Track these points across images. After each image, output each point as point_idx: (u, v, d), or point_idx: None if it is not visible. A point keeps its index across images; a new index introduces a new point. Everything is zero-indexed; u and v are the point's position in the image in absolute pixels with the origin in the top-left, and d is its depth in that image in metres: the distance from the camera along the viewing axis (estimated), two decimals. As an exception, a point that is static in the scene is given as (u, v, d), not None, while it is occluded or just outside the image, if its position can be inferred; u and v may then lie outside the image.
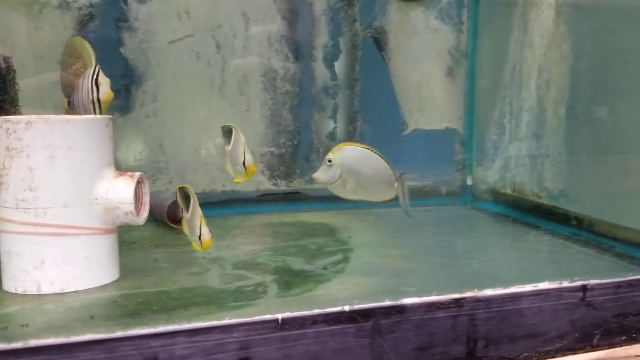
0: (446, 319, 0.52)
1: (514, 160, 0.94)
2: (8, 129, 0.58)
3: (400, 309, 0.50)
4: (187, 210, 0.65)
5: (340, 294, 0.59)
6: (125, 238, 0.79)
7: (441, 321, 0.52)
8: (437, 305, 0.52)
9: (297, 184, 1.05)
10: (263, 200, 1.04)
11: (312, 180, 0.76)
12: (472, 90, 1.05)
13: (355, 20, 1.03)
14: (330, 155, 0.70)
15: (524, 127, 0.90)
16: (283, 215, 0.99)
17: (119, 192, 0.61)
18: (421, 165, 1.07)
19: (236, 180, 0.69)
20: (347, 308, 0.49)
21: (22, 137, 0.58)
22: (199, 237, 0.63)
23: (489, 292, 0.53)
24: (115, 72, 0.95)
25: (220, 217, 0.97)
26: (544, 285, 0.55)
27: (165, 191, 0.95)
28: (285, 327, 0.47)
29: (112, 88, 0.94)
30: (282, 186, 1.04)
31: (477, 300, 0.53)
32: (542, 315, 0.55)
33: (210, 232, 0.64)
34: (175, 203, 0.87)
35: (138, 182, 0.63)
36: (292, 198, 1.05)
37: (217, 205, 1.01)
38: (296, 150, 1.04)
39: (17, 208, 0.58)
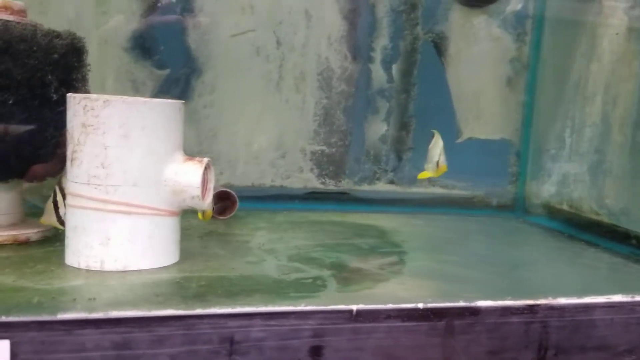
0: (519, 324, 0.51)
1: (572, 176, 0.92)
2: (86, 105, 0.59)
3: (474, 311, 0.50)
4: None
5: (402, 294, 0.58)
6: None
7: (514, 326, 0.51)
8: (511, 310, 0.51)
9: (345, 185, 1.05)
10: (310, 198, 1.04)
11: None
12: (531, 102, 1.04)
13: (417, 24, 1.02)
14: None
15: (585, 142, 0.88)
16: (330, 214, 0.99)
17: (187, 175, 0.62)
18: (473, 175, 1.06)
19: (421, 175, 0.82)
20: (421, 305, 0.49)
21: (99, 114, 0.58)
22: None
23: (562, 300, 0.52)
24: (177, 61, 0.96)
25: (268, 211, 0.98)
26: (617, 298, 0.54)
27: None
28: (359, 319, 0.47)
29: (173, 77, 0.97)
30: (330, 185, 1.04)
31: (551, 307, 0.52)
32: (613, 328, 0.53)
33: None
34: (219, 194, 0.88)
35: (205, 168, 0.63)
36: (339, 198, 1.05)
37: (265, 199, 1.02)
38: (347, 151, 1.04)
39: (88, 184, 0.59)
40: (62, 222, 0.65)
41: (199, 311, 0.44)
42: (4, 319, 0.40)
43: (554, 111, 0.99)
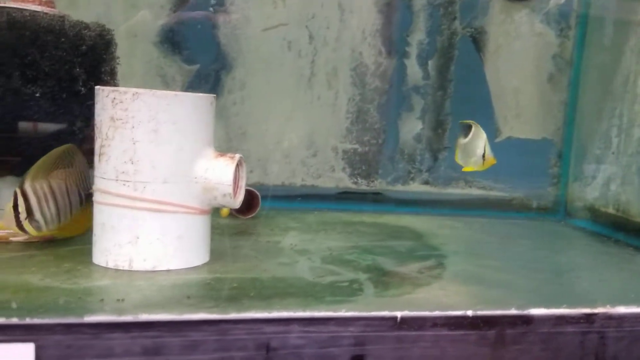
0: (574, 334, 0.47)
1: (620, 177, 0.87)
2: (114, 98, 0.56)
3: (527, 320, 0.46)
4: None
5: (444, 300, 0.54)
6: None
7: (569, 337, 0.47)
8: (567, 319, 0.47)
9: (378, 185, 1.01)
10: (342, 198, 1.00)
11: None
12: (574, 100, 0.99)
13: (455, 18, 0.98)
14: None
15: (635, 141, 0.84)
16: (362, 215, 0.95)
17: (219, 172, 0.59)
18: (512, 176, 1.01)
19: (466, 169, 0.79)
20: (470, 313, 0.45)
21: (128, 107, 0.56)
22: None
23: (621, 309, 0.48)
24: (207, 56, 0.94)
25: (299, 210, 0.95)
26: (682, 309, 0.49)
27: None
28: (403, 327, 0.43)
29: (203, 73, 0.94)
30: (363, 185, 1.01)
31: (609, 317, 0.48)
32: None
33: None
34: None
35: (237, 164, 0.60)
36: (371, 199, 1.01)
37: (296, 199, 0.99)
38: (380, 150, 1.01)
39: (117, 180, 0.57)
40: (21, 228, 0.59)
41: (233, 315, 0.41)
42: (28, 320, 0.37)
43: (599, 110, 0.94)
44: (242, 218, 0.85)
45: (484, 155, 0.76)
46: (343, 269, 0.63)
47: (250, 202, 0.85)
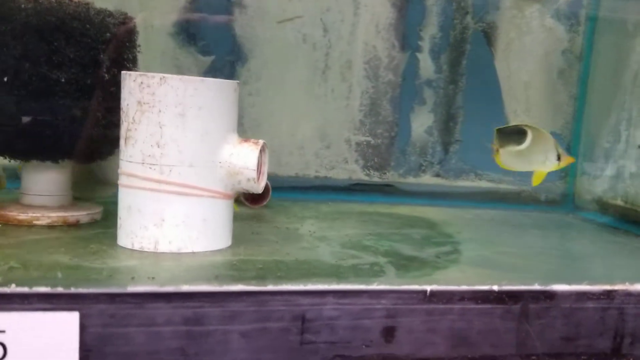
0: (595, 310, 0.49)
1: (628, 170, 0.89)
2: (142, 83, 0.58)
3: (550, 295, 0.47)
4: None
5: (464, 282, 0.55)
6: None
7: (590, 312, 0.49)
8: (588, 295, 0.48)
9: (390, 177, 1.03)
10: (354, 189, 1.02)
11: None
12: (583, 94, 1.00)
13: (467, 13, 1.00)
14: None
15: (645, 135, 0.85)
16: (375, 205, 0.96)
17: (243, 157, 0.60)
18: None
19: (538, 175, 0.77)
20: (496, 288, 0.46)
21: (155, 92, 0.57)
22: None
23: (639, 286, 0.49)
24: (223, 48, 0.95)
25: (313, 201, 0.96)
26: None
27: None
28: (432, 300, 0.45)
29: (218, 64, 0.95)
30: (375, 177, 1.02)
31: (628, 294, 0.49)
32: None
33: None
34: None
35: (261, 150, 0.61)
36: (384, 190, 1.02)
37: (309, 190, 1.00)
38: (392, 142, 1.02)
39: (143, 163, 0.58)
40: None
41: (271, 287, 0.42)
42: (73, 290, 0.39)
43: (609, 104, 0.95)
44: (253, 207, 0.86)
45: (558, 157, 0.75)
46: (363, 254, 0.64)
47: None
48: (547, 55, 1.02)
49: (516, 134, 0.75)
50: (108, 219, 0.71)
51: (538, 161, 0.76)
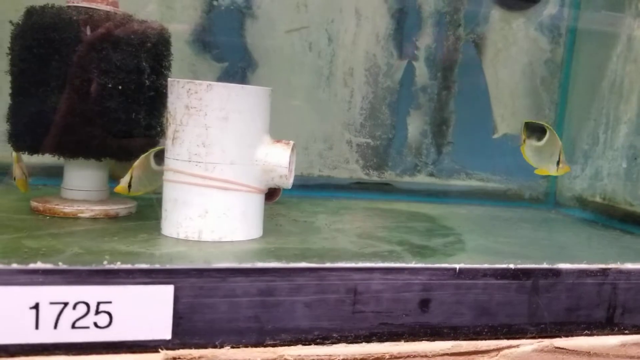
0: (593, 285, 0.58)
1: (606, 170, 0.99)
2: (189, 89, 0.64)
3: (556, 272, 0.56)
4: None
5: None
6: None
7: (588, 287, 0.58)
8: (587, 273, 0.57)
9: (388, 176, 1.11)
10: (355, 188, 1.09)
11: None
12: (564, 100, 1.10)
13: (459, 25, 1.09)
14: None
15: (621, 138, 0.95)
16: (376, 202, 1.04)
17: (276, 156, 0.67)
18: (508, 169, 1.12)
19: (540, 172, 0.84)
20: (512, 266, 0.55)
21: (202, 97, 0.64)
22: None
23: (629, 265, 0.59)
24: (235, 55, 1.02)
25: (319, 198, 1.03)
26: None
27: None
28: (460, 276, 0.53)
29: (231, 70, 1.02)
30: (374, 176, 1.10)
31: (620, 271, 0.58)
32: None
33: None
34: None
35: (291, 150, 0.69)
36: (382, 189, 1.10)
37: (313, 188, 1.07)
38: (390, 144, 1.10)
39: (189, 161, 0.65)
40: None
41: (328, 264, 0.50)
42: (168, 266, 0.45)
43: (588, 109, 1.05)
44: (267, 203, 0.93)
45: (558, 162, 0.81)
46: (379, 243, 0.72)
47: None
48: (531, 64, 1.12)
49: (539, 131, 0.84)
50: (140, 212, 0.77)
51: (543, 161, 0.83)
